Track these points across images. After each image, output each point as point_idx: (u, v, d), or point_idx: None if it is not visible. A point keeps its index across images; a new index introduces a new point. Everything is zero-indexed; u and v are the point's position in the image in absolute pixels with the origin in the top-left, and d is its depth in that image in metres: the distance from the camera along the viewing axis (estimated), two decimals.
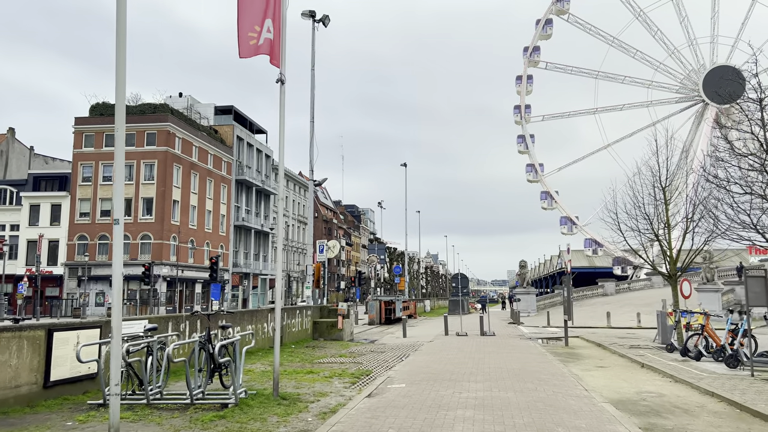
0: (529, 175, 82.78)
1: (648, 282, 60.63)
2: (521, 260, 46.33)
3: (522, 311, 41.80)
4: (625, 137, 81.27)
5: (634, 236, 20.18)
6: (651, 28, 80.00)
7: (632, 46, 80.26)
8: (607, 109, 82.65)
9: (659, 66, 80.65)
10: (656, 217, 19.25)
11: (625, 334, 27.81)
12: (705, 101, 77.33)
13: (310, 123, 26.12)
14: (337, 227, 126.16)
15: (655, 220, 19.16)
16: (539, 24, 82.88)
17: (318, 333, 23.21)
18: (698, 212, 18.31)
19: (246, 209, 79.71)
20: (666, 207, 19.27)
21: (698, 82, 78.49)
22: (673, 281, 19.06)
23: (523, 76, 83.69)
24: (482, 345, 20.22)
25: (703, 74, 78.06)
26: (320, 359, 15.77)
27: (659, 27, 79.55)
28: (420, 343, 21.43)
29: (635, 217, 19.66)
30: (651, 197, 19.40)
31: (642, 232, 19.40)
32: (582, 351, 18.98)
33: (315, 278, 25.23)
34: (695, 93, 79.09)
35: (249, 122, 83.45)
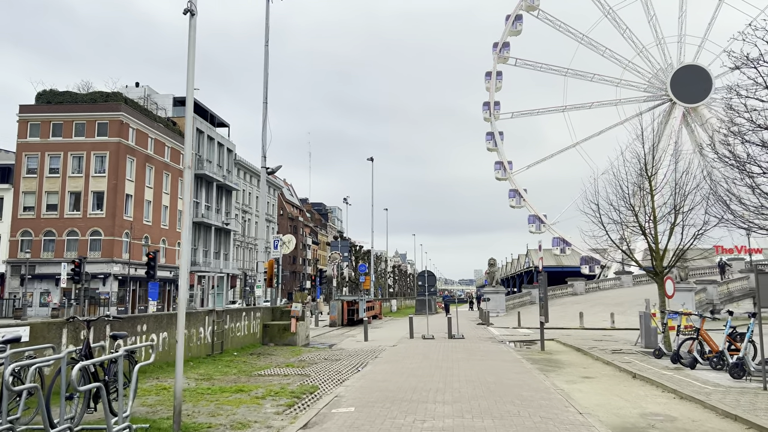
0: (497, 172, 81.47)
1: (617, 281, 59.80)
2: (490, 258, 44.59)
3: (491, 311, 40.04)
4: (594, 136, 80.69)
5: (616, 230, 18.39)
6: (620, 26, 79.50)
7: (601, 44, 79.68)
8: (576, 107, 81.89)
9: (628, 64, 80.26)
10: (642, 208, 17.47)
11: (601, 335, 26.14)
12: (673, 100, 77.09)
13: (263, 104, 23.70)
14: (303, 225, 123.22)
15: (641, 212, 17.37)
16: (509, 19, 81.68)
17: (268, 337, 20.80)
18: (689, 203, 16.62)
19: (206, 205, 76.31)
20: (652, 197, 17.49)
21: (666, 81, 78.28)
22: (660, 279, 17.30)
23: (492, 72, 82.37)
24: (450, 350, 18.14)
25: (670, 73, 77.86)
26: (261, 370, 13.43)
27: (628, 25, 79.11)
28: (382, 348, 19.25)
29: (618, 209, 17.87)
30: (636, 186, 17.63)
31: (627, 224, 17.59)
32: (561, 357, 17.06)
33: (268, 276, 22.82)
34: (663, 92, 78.87)
35: (210, 115, 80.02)
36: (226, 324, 17.53)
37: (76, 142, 57.75)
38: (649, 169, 17.83)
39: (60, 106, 58.16)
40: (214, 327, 16.43)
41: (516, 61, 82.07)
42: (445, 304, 42.61)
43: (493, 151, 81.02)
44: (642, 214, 17.32)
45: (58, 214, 56.80)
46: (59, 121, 57.96)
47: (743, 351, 11.93)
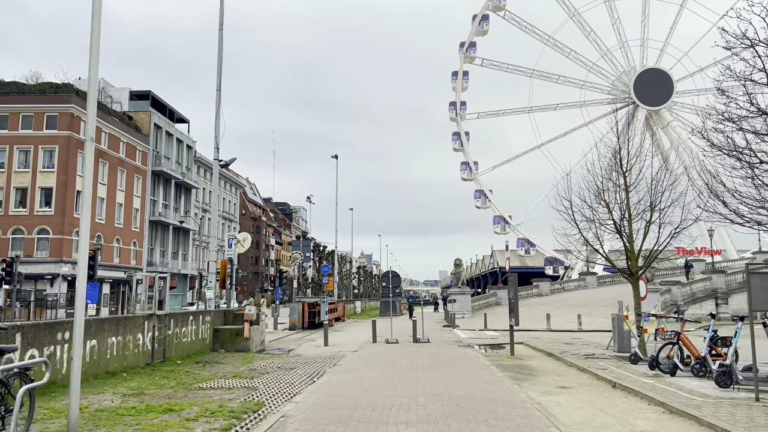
0: (463, 173, 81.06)
1: (582, 282, 59.81)
2: (456, 258, 43.67)
3: (457, 313, 39.08)
4: (559, 137, 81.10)
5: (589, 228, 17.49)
6: (585, 28, 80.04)
7: (567, 46, 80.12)
8: (541, 109, 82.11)
9: (592, 67, 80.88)
10: (616, 205, 16.60)
11: (570, 338, 25.36)
12: (636, 103, 77.91)
13: (216, 92, 22.10)
14: (266, 225, 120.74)
15: (616, 209, 16.50)
16: (475, 19, 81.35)
17: (219, 343, 19.22)
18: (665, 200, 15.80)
19: (164, 203, 73.54)
20: (627, 194, 16.63)
21: (629, 83, 79.10)
22: (635, 280, 16.45)
23: (458, 71, 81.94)
24: (415, 356, 16.93)
25: (633, 76, 78.69)
26: (204, 382, 11.95)
27: (593, 28, 79.70)
28: (342, 354, 17.91)
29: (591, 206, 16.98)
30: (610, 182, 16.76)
31: (601, 222, 16.70)
32: (532, 363, 16.02)
33: (220, 277, 21.24)
34: (626, 94, 79.69)
35: (169, 110, 77.17)
36: (170, 329, 15.92)
37: (23, 135, 54.64)
38: (624, 165, 16.99)
39: (5, 97, 54.95)
40: (155, 333, 14.84)
41: (482, 62, 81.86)
42: (409, 305, 40.33)
43: (459, 152, 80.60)
44: (617, 212, 16.45)
45: (2, 211, 53.61)
46: (5, 113, 54.76)
47: (730, 357, 11.04)
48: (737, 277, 46.25)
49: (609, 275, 65.42)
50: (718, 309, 44.19)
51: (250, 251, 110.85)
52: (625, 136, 17.00)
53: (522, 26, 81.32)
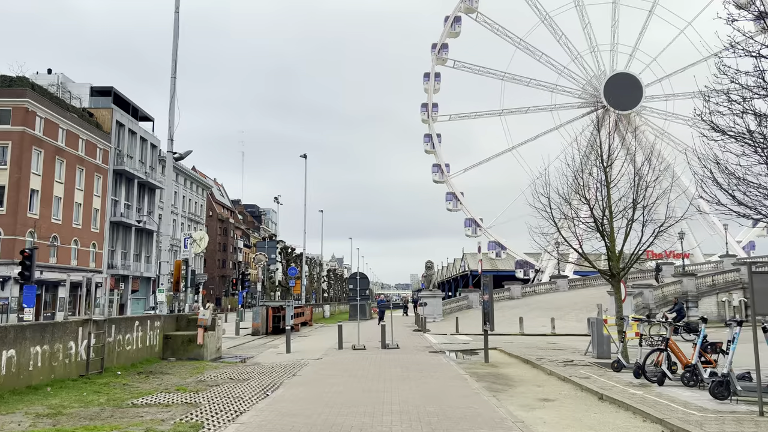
0: (435, 175, 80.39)
1: (553, 285, 59.41)
2: (428, 261, 42.74)
3: (428, 316, 37.96)
4: (530, 140, 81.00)
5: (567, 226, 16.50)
6: (556, 32, 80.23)
7: (538, 49, 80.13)
8: (512, 112, 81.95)
9: (563, 70, 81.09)
10: (597, 203, 15.62)
11: (544, 343, 24.43)
12: (606, 107, 78.22)
13: (171, 79, 20.52)
14: (234, 227, 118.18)
15: (597, 206, 15.51)
16: (448, 21, 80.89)
17: (170, 351, 17.63)
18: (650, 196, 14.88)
19: (126, 204, 70.79)
20: (608, 190, 15.67)
21: (599, 88, 79.46)
22: (617, 282, 15.48)
23: (430, 73, 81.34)
24: (383, 364, 15.65)
25: (603, 80, 79.09)
26: (140, 397, 10.45)
27: (564, 32, 79.96)
28: (304, 363, 16.53)
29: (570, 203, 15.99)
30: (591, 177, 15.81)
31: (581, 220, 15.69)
32: (509, 371, 14.89)
33: (174, 279, 19.64)
34: (596, 98, 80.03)
35: (133, 107, 74.46)
36: (111, 336, 14.31)
37: None
38: (605, 159, 16.05)
39: None
40: (91, 340, 13.23)
41: (454, 63, 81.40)
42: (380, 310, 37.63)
43: (431, 154, 79.90)
44: (598, 209, 15.46)
45: None
46: None
47: (728, 366, 10.04)
48: (707, 280, 46.20)
49: (580, 278, 65.28)
50: (688, 312, 44.01)
51: (217, 254, 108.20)
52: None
53: (494, 29, 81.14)
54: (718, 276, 46.46)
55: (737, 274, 45.82)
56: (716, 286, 45.29)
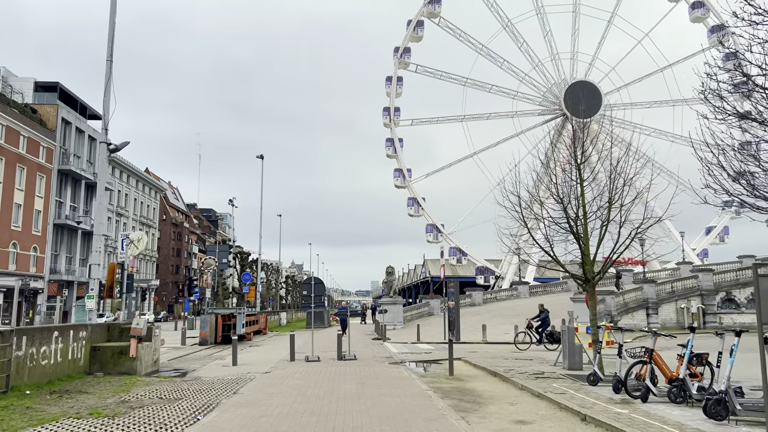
0: (396, 180, 79.31)
1: (514, 292, 58.86)
2: (388, 266, 41.19)
3: (388, 324, 36.54)
4: (491, 146, 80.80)
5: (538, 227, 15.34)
6: (517, 39, 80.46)
7: (500, 56, 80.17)
8: (474, 118, 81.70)
9: (524, 77, 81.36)
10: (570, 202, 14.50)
11: (509, 352, 23.27)
12: (565, 114, 78.68)
13: (107, 62, 18.57)
14: (189, 232, 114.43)
15: (570, 206, 14.39)
16: (410, 25, 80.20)
17: (98, 364, 15.64)
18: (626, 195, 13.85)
19: (72, 205, 67.14)
20: (581, 189, 14.58)
21: (559, 95, 79.96)
22: (591, 287, 14.36)
23: (393, 76, 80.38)
24: (338, 379, 14.10)
25: (564, 88, 79.59)
26: (39, 426, 8.64)
27: (525, 39, 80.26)
28: (250, 377, 14.84)
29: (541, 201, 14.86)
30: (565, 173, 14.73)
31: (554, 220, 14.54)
32: (476, 385, 13.53)
33: (107, 283, 17.67)
34: (557, 106, 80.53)
35: (81, 104, 70.85)
36: (20, 349, 12.33)
37: None
38: (578, 156, 14.98)
39: None
40: None
41: (417, 68, 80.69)
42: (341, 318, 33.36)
43: (393, 158, 78.81)
44: (571, 208, 14.35)
45: None
46: None
47: (726, 381, 8.90)
48: (666, 287, 46.22)
49: (540, 285, 65.01)
50: (648, 319, 43.87)
51: (170, 259, 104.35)
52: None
53: (456, 34, 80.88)
54: (677, 283, 46.57)
55: (695, 281, 46.03)
56: (675, 293, 45.35)
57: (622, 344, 12.19)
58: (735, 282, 46.24)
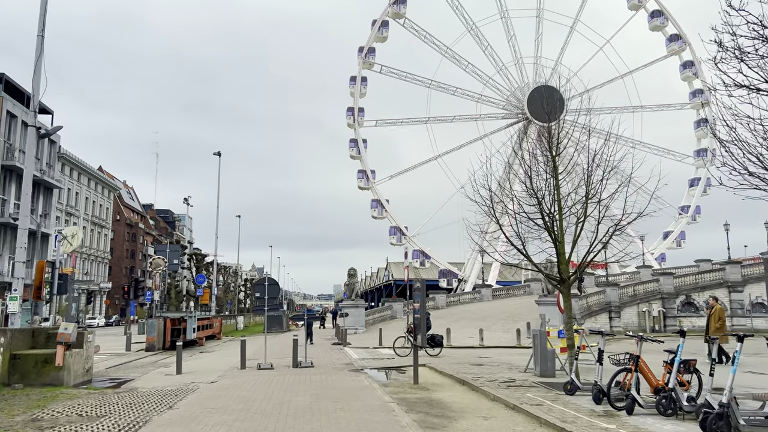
0: (360, 181, 78.03)
1: (477, 295, 58.19)
2: (350, 268, 39.85)
3: (349, 328, 35.18)
4: (455, 149, 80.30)
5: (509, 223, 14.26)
6: (482, 42, 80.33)
7: (465, 58, 79.84)
8: (438, 120, 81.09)
9: (488, 81, 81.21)
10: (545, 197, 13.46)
11: (476, 357, 22.23)
12: (528, 118, 78.79)
13: (38, 38, 16.72)
14: (144, 233, 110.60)
15: (547, 200, 13.36)
16: (375, 25, 79.13)
17: (18, 375, 13.81)
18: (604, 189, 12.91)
19: (15, 203, 63.37)
20: (556, 182, 13.58)
21: (523, 100, 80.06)
22: (566, 288, 13.34)
23: (357, 76, 79.11)
24: (291, 390, 12.70)
25: (527, 92, 79.72)
26: None
27: (490, 42, 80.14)
28: (193, 388, 13.29)
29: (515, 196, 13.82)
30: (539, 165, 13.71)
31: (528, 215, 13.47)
32: (444, 396, 12.31)
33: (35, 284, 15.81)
34: (520, 110, 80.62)
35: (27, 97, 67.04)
36: None
37: None
38: (553, 146, 14.00)
39: None
40: None
41: (381, 68, 79.67)
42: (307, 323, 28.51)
43: (357, 159, 77.50)
44: (546, 203, 13.32)
45: None
46: None
47: (728, 393, 7.87)
48: (628, 290, 46.20)
49: (503, 288, 64.61)
50: (611, 322, 43.67)
51: (124, 261, 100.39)
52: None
53: (421, 36, 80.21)
54: (639, 286, 46.63)
55: (657, 285, 46.16)
56: (637, 296, 45.36)
57: (603, 349, 11.16)
58: (694, 286, 46.59)
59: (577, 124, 14.16)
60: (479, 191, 14.02)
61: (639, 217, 12.88)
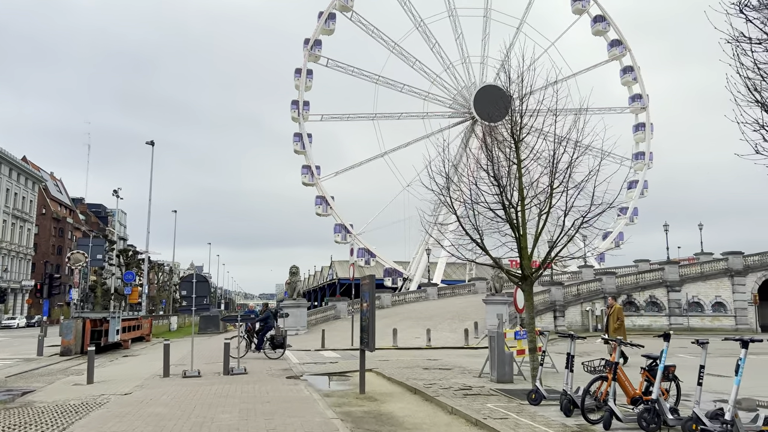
0: (304, 177, 75.83)
1: (423, 294, 57.28)
2: (292, 266, 37.83)
3: (290, 329, 33.26)
4: (402, 147, 79.29)
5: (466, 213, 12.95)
6: (430, 40, 79.68)
7: (412, 55, 78.94)
8: (385, 116, 79.84)
9: (435, 79, 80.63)
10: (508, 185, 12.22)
11: (424, 359, 20.95)
12: (475, 118, 78.68)
13: None
14: (73, 228, 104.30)
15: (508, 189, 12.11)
16: (322, 16, 77.07)
17: None
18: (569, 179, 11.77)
19: None
20: (519, 170, 12.36)
21: (469, 99, 79.88)
22: (528, 286, 12.13)
23: (302, 69, 76.77)
24: (216, 404, 10.91)
25: (474, 92, 79.56)
26: None
27: (438, 40, 79.58)
28: (101, 401, 11.31)
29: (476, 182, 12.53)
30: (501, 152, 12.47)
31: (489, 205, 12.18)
32: (395, 408, 10.83)
33: None
34: (466, 109, 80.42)
35: None
36: None
37: None
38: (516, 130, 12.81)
39: None
40: None
41: (327, 62, 77.71)
42: (251, 326, 22.84)
43: (301, 154, 75.25)
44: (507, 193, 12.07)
45: None
46: None
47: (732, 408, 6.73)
48: (572, 289, 46.31)
49: (448, 287, 64.04)
50: (556, 322, 43.55)
51: (50, 257, 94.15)
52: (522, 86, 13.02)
53: (369, 30, 78.73)
54: (583, 286, 46.85)
55: (600, 284, 46.49)
56: (581, 295, 45.53)
57: (573, 354, 9.96)
58: (635, 285, 47.24)
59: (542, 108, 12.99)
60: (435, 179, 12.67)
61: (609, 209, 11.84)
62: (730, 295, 47.12)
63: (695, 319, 46.65)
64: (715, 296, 47.22)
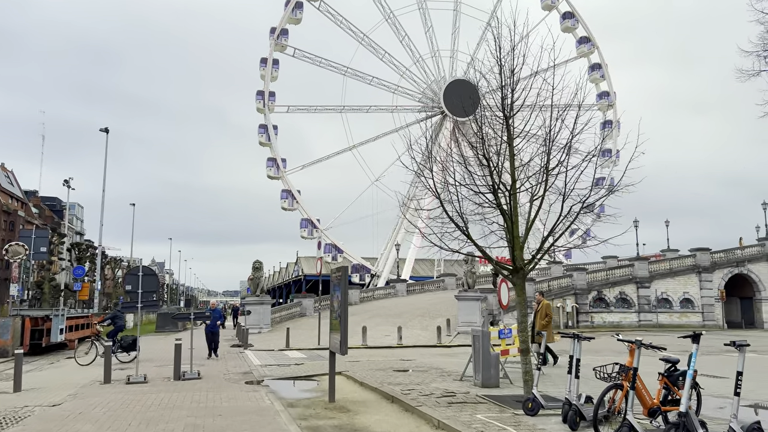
0: (270, 170, 73.46)
1: (392, 290, 55.91)
2: (255, 261, 35.92)
3: (253, 327, 31.43)
4: (370, 140, 77.71)
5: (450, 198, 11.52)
6: (399, 32, 78.24)
7: (382, 48, 77.33)
8: (354, 109, 78.03)
9: (405, 72, 79.22)
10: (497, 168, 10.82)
11: (397, 359, 19.54)
12: (444, 112, 77.64)
13: None
14: (25, 222, 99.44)
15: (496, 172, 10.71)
16: (289, 4, 74.75)
17: None
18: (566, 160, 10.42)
19: None
20: (511, 150, 10.99)
21: (439, 93, 78.76)
22: (520, 279, 10.76)
23: (268, 58, 74.33)
24: (158, 419, 9.22)
25: (443, 86, 78.48)
26: None
27: (407, 33, 78.18)
28: (22, 415, 9.50)
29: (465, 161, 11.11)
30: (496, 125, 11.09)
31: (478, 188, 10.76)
32: (371, 422, 9.32)
33: None
34: (436, 103, 79.30)
35: None
36: None
37: None
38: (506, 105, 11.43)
39: None
40: None
41: (294, 52, 75.47)
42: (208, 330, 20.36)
43: (266, 146, 72.88)
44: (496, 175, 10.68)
45: None
46: None
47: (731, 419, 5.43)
48: (543, 286, 45.57)
49: (417, 283, 62.84)
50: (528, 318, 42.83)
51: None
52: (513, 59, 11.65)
53: (337, 21, 76.78)
54: (554, 282, 46.23)
55: (570, 280, 45.95)
56: (552, 291, 44.84)
57: (579, 358, 8.61)
58: (605, 281, 46.84)
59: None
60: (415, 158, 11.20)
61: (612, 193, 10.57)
62: (698, 291, 47.19)
63: (664, 316, 46.53)
64: (683, 292, 47.23)
